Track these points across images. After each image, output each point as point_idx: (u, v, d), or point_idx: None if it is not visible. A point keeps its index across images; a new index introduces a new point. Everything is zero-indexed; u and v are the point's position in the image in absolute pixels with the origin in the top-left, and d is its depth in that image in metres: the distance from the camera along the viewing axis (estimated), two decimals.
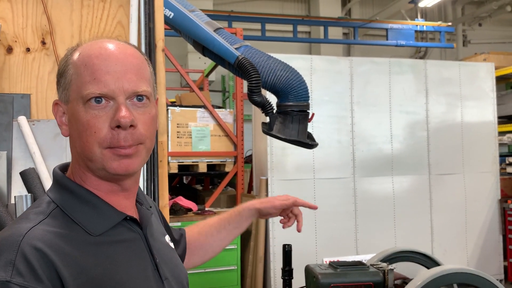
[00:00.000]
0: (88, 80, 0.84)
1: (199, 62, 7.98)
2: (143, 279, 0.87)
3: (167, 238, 1.07)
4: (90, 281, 0.78)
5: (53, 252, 0.76)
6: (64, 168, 0.94)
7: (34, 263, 0.74)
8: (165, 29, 2.02)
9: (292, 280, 2.74)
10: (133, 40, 1.81)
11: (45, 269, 0.74)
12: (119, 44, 0.89)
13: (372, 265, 2.46)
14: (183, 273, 1.03)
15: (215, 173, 4.76)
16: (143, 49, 1.83)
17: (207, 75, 6.43)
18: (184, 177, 6.24)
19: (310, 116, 2.55)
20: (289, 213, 1.42)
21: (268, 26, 8.44)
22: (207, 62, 6.84)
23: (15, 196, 1.51)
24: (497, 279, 2.83)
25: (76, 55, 0.87)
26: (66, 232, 0.81)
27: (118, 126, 0.83)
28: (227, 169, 4.62)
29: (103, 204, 0.88)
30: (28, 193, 1.60)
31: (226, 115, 4.63)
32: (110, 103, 0.84)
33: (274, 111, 2.57)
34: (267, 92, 2.66)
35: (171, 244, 1.08)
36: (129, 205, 0.93)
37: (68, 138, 0.90)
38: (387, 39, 8.83)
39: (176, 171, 4.43)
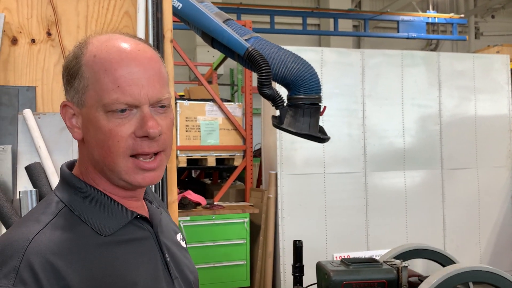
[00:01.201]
0: (111, 88, 0.79)
1: (207, 56, 7.93)
2: (153, 279, 0.85)
3: (179, 236, 1.04)
4: (100, 284, 0.76)
5: (60, 259, 0.74)
6: (71, 165, 0.90)
7: (38, 272, 0.71)
8: (173, 21, 1.97)
9: (303, 277, 2.69)
10: (141, 30, 1.76)
11: (50, 278, 0.72)
12: (137, 45, 0.84)
13: (385, 262, 2.40)
14: (192, 273, 1.00)
15: (224, 167, 4.72)
16: (150, 40, 1.78)
17: (216, 69, 6.37)
18: (193, 171, 6.21)
19: (322, 109, 2.49)
20: None
21: (277, 19, 8.35)
22: (216, 56, 6.79)
23: (19, 192, 1.47)
24: None
25: (89, 56, 0.82)
26: (75, 234, 0.79)
27: (145, 136, 0.81)
28: (236, 163, 4.58)
29: (113, 203, 0.85)
30: (34, 188, 1.56)
31: (235, 109, 4.58)
32: (133, 110, 0.81)
33: (285, 104, 2.51)
34: (277, 84, 2.60)
35: (183, 243, 1.05)
36: (139, 205, 0.92)
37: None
38: (398, 32, 8.70)
39: (184, 165, 4.40)
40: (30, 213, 0.84)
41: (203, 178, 6.30)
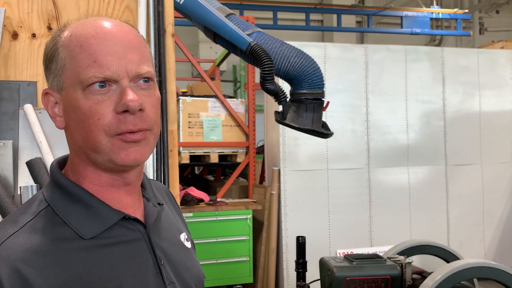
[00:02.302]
0: (87, 63, 0.75)
1: (210, 52, 7.92)
2: (140, 285, 0.79)
3: (183, 236, 0.97)
4: None
5: (30, 266, 0.70)
6: (63, 161, 0.86)
7: (4, 282, 0.67)
8: (175, 17, 1.95)
9: (306, 273, 2.68)
10: (142, 24, 1.75)
11: (15, 286, 0.68)
12: (114, 21, 0.81)
13: (389, 258, 2.39)
14: (195, 277, 0.92)
15: (227, 163, 4.71)
16: (151, 35, 1.76)
17: (218, 65, 6.36)
18: (196, 168, 6.21)
19: (325, 105, 2.47)
20: None
21: (280, 15, 8.32)
22: (218, 52, 6.77)
23: (20, 187, 1.46)
24: None
25: (66, 36, 0.78)
26: (52, 237, 0.74)
27: (125, 111, 0.75)
28: (238, 160, 4.57)
29: (98, 203, 0.79)
30: (35, 183, 1.55)
31: (237, 105, 4.56)
32: (113, 86, 0.76)
33: (288, 99, 2.49)
34: (280, 79, 2.58)
35: (187, 243, 0.97)
36: (130, 202, 0.84)
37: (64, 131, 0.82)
38: (401, 27, 8.65)
39: (187, 161, 4.39)
40: (13, 212, 0.80)
41: (206, 174, 6.30)
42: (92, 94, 0.76)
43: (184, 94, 5.03)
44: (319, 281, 2.53)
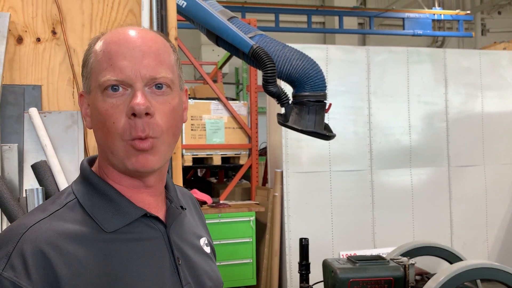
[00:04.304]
0: (105, 67, 0.79)
1: (212, 54, 7.93)
2: (157, 282, 0.81)
3: (203, 240, 0.98)
4: (93, 282, 0.74)
5: (54, 250, 0.73)
6: (92, 160, 0.90)
7: (28, 260, 0.71)
8: (178, 20, 1.97)
9: (309, 275, 2.69)
10: None
11: (38, 267, 0.71)
12: (141, 30, 0.84)
13: (392, 259, 2.39)
14: (212, 281, 0.93)
15: (230, 165, 4.72)
16: None
17: (221, 67, 6.37)
18: (199, 170, 6.22)
19: (327, 107, 2.48)
20: None
21: (282, 17, 8.33)
22: (221, 55, 6.78)
23: (26, 190, 1.48)
24: None
25: (97, 43, 0.83)
26: (77, 227, 0.77)
27: (134, 114, 0.77)
28: (241, 162, 4.58)
29: (122, 199, 0.82)
30: (40, 186, 1.56)
31: (240, 107, 4.57)
32: (128, 90, 0.78)
33: (290, 101, 2.50)
34: (282, 82, 2.59)
35: (207, 248, 0.98)
36: (152, 202, 0.87)
37: (91, 130, 0.86)
38: (403, 29, 8.65)
39: (190, 163, 4.40)
40: (44, 202, 0.85)
41: (208, 177, 6.31)
42: (108, 97, 0.78)
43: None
44: (322, 282, 2.54)
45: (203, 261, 0.93)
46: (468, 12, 9.41)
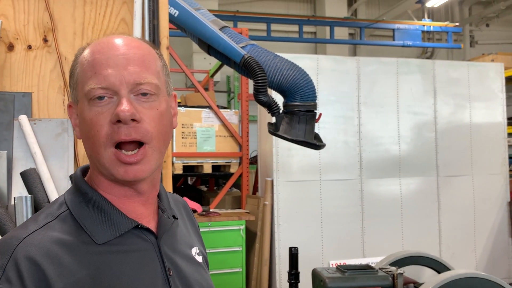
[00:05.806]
0: (89, 76, 0.79)
1: (204, 63, 7.95)
2: None
3: (195, 250, 0.97)
4: None
5: (47, 261, 0.73)
6: (86, 169, 0.89)
7: (23, 272, 0.71)
8: (170, 28, 1.98)
9: (299, 284, 2.69)
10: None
11: (33, 279, 0.72)
12: (125, 37, 0.84)
13: (380, 268, 2.40)
14: None
15: (220, 174, 4.72)
16: None
17: (212, 76, 6.39)
18: (189, 178, 6.20)
19: (317, 116, 2.50)
20: None
21: (274, 26, 8.39)
22: (212, 63, 6.81)
23: (14, 197, 1.47)
24: (508, 283, 2.76)
25: (83, 53, 0.84)
26: (69, 239, 0.77)
27: (119, 121, 0.76)
28: (232, 170, 4.58)
29: (113, 210, 0.82)
30: (29, 194, 1.55)
31: (231, 116, 4.58)
32: (113, 98, 0.78)
33: (281, 111, 2.52)
34: (273, 91, 2.61)
35: (199, 258, 0.97)
36: (144, 212, 0.86)
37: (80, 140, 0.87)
38: (393, 40, 8.76)
39: (180, 172, 4.39)
40: (37, 213, 0.85)
41: (199, 185, 6.29)
42: (94, 106, 0.79)
43: (178, 104, 5.05)
44: None
45: (194, 270, 0.93)
46: (457, 24, 9.57)
